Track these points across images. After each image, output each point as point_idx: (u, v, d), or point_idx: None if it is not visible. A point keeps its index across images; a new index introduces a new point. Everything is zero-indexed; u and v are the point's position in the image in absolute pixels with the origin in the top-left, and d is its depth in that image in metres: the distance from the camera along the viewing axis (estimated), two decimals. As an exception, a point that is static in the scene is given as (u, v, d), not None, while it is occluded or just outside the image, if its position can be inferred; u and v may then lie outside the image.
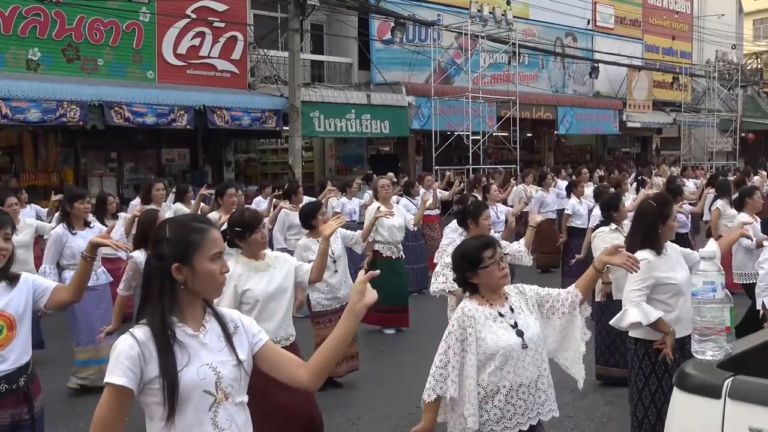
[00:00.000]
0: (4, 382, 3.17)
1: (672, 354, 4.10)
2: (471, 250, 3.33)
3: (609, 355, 6.39)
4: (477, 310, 3.26)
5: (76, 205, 6.40)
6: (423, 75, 18.98)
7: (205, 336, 2.23)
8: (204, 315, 2.28)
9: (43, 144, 14.88)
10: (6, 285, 3.26)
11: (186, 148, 17.14)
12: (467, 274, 3.31)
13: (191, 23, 14.99)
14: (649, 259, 4.16)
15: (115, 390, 2.12)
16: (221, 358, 2.22)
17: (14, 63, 12.94)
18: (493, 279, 3.28)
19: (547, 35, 23.09)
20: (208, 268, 2.20)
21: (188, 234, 2.23)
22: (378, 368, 7.09)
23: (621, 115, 24.38)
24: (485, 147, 19.50)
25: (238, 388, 2.25)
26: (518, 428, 3.22)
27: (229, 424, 2.21)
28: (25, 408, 3.27)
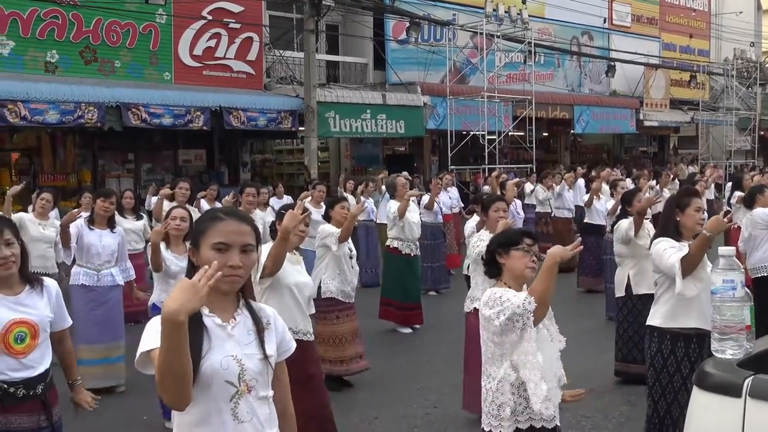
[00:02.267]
0: (23, 387, 3.18)
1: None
2: (513, 233, 3.49)
3: (627, 351, 6.36)
4: (513, 292, 3.25)
5: (98, 202, 6.53)
6: (438, 75, 18.96)
7: (234, 328, 2.25)
8: (236, 308, 2.30)
9: (61, 145, 15.02)
10: (29, 290, 3.27)
11: (202, 149, 17.23)
12: (499, 250, 3.36)
13: (207, 24, 15.06)
14: (667, 239, 4.23)
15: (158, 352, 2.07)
16: (248, 351, 2.23)
17: (33, 65, 13.06)
18: (520, 264, 3.31)
19: (563, 34, 22.97)
20: (207, 256, 2.20)
21: (203, 221, 2.30)
22: (394, 367, 7.08)
23: (638, 114, 24.21)
24: (501, 147, 19.44)
25: (264, 382, 2.26)
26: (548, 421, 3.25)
27: (249, 417, 2.21)
28: (43, 416, 3.27)
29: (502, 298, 3.18)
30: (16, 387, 3.16)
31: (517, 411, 3.24)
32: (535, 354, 3.15)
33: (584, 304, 9.63)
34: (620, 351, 6.44)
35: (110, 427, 5.74)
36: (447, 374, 6.48)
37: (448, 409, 5.82)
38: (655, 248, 4.27)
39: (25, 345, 3.19)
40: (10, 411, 3.17)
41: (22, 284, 3.26)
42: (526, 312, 3.11)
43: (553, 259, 3.12)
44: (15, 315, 3.18)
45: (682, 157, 26.94)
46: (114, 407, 6.14)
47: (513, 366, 3.22)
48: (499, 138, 18.79)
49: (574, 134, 24.66)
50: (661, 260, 4.19)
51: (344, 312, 6.34)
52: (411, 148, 21.60)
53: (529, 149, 19.66)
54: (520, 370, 3.18)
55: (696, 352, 4.18)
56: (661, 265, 4.22)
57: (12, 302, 3.19)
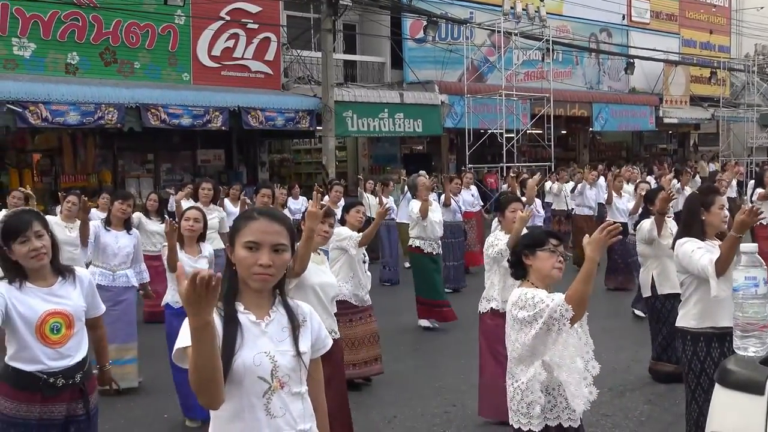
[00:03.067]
0: (62, 377, 3.26)
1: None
2: (539, 233, 3.45)
3: (662, 351, 6.32)
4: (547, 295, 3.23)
5: (116, 204, 6.58)
6: (456, 73, 18.93)
7: (268, 325, 2.28)
8: (272, 305, 2.33)
9: (82, 146, 15.17)
10: (62, 281, 3.34)
11: (221, 149, 17.33)
12: (526, 251, 3.34)
13: (225, 25, 15.15)
14: (693, 240, 4.17)
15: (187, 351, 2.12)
16: (281, 348, 2.26)
17: (53, 67, 13.21)
18: (547, 265, 3.29)
19: (581, 31, 22.86)
20: (240, 253, 2.25)
21: (239, 220, 2.35)
22: (413, 366, 7.08)
23: (657, 111, 24.03)
24: (519, 145, 19.37)
25: (297, 379, 2.28)
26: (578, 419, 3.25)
27: (282, 412, 2.24)
28: (81, 404, 3.35)
29: (535, 299, 3.15)
30: (56, 377, 3.24)
31: (545, 409, 3.23)
32: (574, 359, 3.13)
33: (608, 303, 9.56)
34: (654, 350, 6.41)
35: (132, 424, 5.79)
36: (466, 373, 6.47)
37: (467, 407, 5.80)
38: (681, 249, 4.20)
39: (60, 335, 3.26)
40: (50, 400, 3.24)
41: (54, 276, 3.33)
42: (563, 318, 3.08)
43: (592, 262, 3.05)
44: (49, 306, 3.25)
45: (702, 155, 26.71)
46: (135, 405, 6.20)
47: (545, 365, 3.20)
48: (517, 136, 18.73)
49: (593, 132, 24.51)
50: (690, 262, 4.11)
51: (358, 315, 6.28)
52: (429, 147, 21.59)
53: (548, 147, 19.58)
54: (555, 370, 3.16)
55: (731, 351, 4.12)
56: (690, 266, 4.13)
57: (46, 293, 3.27)
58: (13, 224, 3.27)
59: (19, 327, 3.19)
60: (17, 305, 3.20)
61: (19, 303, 3.20)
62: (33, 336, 3.20)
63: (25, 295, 3.23)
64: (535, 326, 3.14)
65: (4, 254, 3.26)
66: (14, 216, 3.43)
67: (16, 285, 3.24)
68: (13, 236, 3.22)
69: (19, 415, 3.20)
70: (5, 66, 12.73)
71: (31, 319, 3.20)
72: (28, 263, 3.24)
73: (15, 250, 3.22)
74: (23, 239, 3.22)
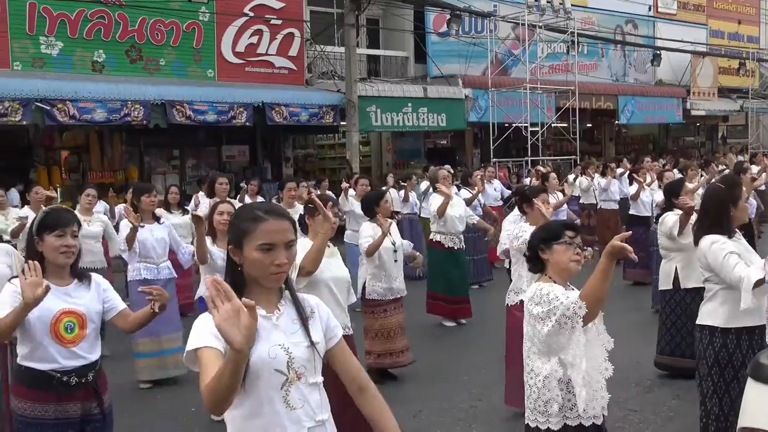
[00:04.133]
0: (75, 375, 3.30)
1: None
2: (555, 225, 3.38)
3: (675, 346, 6.22)
4: (559, 287, 3.20)
5: (143, 199, 6.62)
6: (480, 67, 18.83)
7: (279, 319, 2.29)
8: (280, 299, 2.34)
9: (108, 143, 15.33)
10: (77, 284, 3.39)
11: (245, 145, 17.40)
12: (542, 245, 3.28)
13: (249, 21, 15.20)
14: (720, 240, 4.05)
15: (209, 353, 2.12)
16: (294, 340, 2.27)
17: (80, 65, 13.35)
18: (564, 258, 3.24)
19: (606, 23, 22.62)
20: (254, 256, 2.24)
21: (244, 220, 2.31)
22: (438, 361, 7.07)
23: (685, 103, 23.71)
24: (544, 138, 19.23)
25: (312, 369, 2.29)
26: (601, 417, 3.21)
27: (301, 404, 2.25)
28: (95, 403, 3.38)
29: (550, 296, 3.12)
30: (69, 375, 3.28)
31: (565, 407, 3.19)
32: (582, 359, 3.10)
33: (630, 298, 9.48)
34: (667, 345, 6.28)
35: (159, 417, 5.85)
36: (491, 368, 6.45)
37: (493, 402, 5.79)
38: (710, 250, 4.05)
39: (74, 334, 3.30)
40: (64, 399, 3.28)
41: (71, 277, 3.39)
42: (576, 316, 3.05)
43: (609, 259, 3.02)
44: (64, 305, 3.29)
45: (731, 147, 26.32)
46: (162, 399, 6.27)
47: (561, 362, 3.18)
48: (542, 130, 18.60)
49: (619, 125, 24.26)
50: (722, 269, 3.97)
51: (392, 305, 6.36)
52: (453, 141, 21.51)
53: (573, 141, 19.43)
54: (569, 368, 3.14)
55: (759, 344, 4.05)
56: (722, 272, 3.99)
57: (62, 292, 3.32)
58: (56, 217, 3.35)
59: (34, 325, 3.23)
60: None
61: None
62: (47, 334, 3.24)
63: None
64: (548, 323, 3.11)
65: (33, 243, 3.32)
66: (57, 210, 3.52)
67: None
68: (50, 228, 3.29)
69: (35, 415, 3.24)
70: (33, 64, 12.90)
71: (46, 317, 3.23)
72: (56, 258, 3.29)
73: (47, 242, 3.28)
74: (60, 233, 3.28)
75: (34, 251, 3.32)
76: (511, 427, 5.33)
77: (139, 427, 5.65)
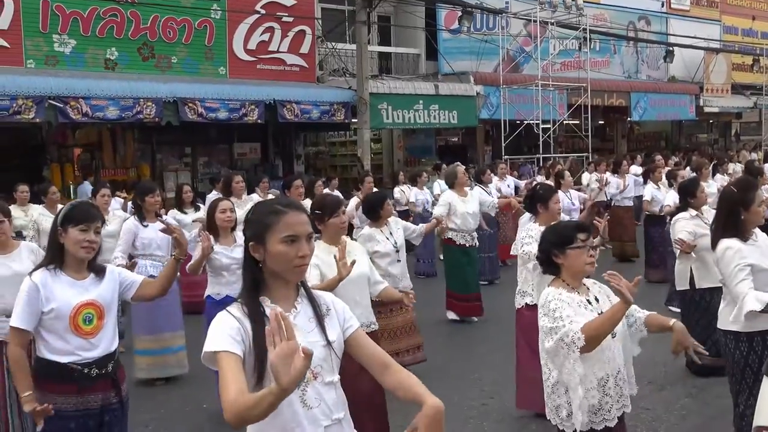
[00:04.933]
0: (95, 367, 3.33)
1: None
2: (566, 228, 3.29)
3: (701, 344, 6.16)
4: (569, 297, 3.16)
5: (147, 199, 6.64)
6: (491, 64, 18.78)
7: (296, 317, 2.28)
8: (296, 297, 2.34)
9: (121, 141, 15.40)
10: (94, 277, 3.42)
11: (257, 143, 17.44)
12: (555, 251, 3.23)
13: (261, 19, 15.22)
14: (735, 247, 4.00)
15: (228, 358, 2.15)
16: (310, 339, 2.26)
17: (93, 63, 13.41)
18: (579, 262, 3.20)
19: (618, 19, 22.50)
20: (279, 249, 2.24)
21: (264, 215, 2.30)
22: (449, 358, 7.07)
23: (698, 100, 23.57)
24: (555, 135, 19.16)
25: (329, 368, 2.29)
26: (615, 420, 3.19)
27: (317, 403, 2.25)
28: (113, 392, 3.42)
29: (556, 313, 3.10)
30: (90, 367, 3.31)
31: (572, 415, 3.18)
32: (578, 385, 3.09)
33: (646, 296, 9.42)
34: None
35: (171, 414, 5.88)
36: (503, 365, 6.43)
37: (504, 400, 5.78)
38: (723, 256, 4.04)
39: (93, 326, 3.34)
40: (85, 391, 3.31)
41: (88, 272, 3.42)
42: (573, 345, 3.03)
43: (622, 309, 3.04)
44: (83, 297, 3.33)
45: (744, 144, 26.14)
46: (175, 395, 6.30)
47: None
48: (554, 127, 18.54)
49: (631, 122, 24.15)
50: (728, 279, 4.01)
51: (398, 305, 6.30)
52: (464, 139, 21.48)
53: (585, 138, 19.35)
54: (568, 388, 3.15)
55: None
56: (727, 283, 4.03)
57: (79, 286, 3.35)
58: (82, 211, 3.39)
59: (54, 320, 3.27)
60: (51, 299, 3.27)
61: (53, 297, 3.28)
62: (67, 327, 3.28)
63: (59, 285, 3.31)
64: (549, 340, 3.12)
65: (56, 235, 3.35)
66: (84, 204, 3.56)
67: (52, 270, 3.34)
68: (75, 221, 3.32)
69: (57, 408, 3.26)
70: (46, 62, 12.96)
71: (65, 311, 3.27)
72: (77, 252, 3.32)
73: (71, 234, 3.31)
74: (84, 228, 3.32)
75: (57, 244, 3.35)
76: (523, 425, 5.32)
77: (152, 422, 5.68)
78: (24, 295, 3.28)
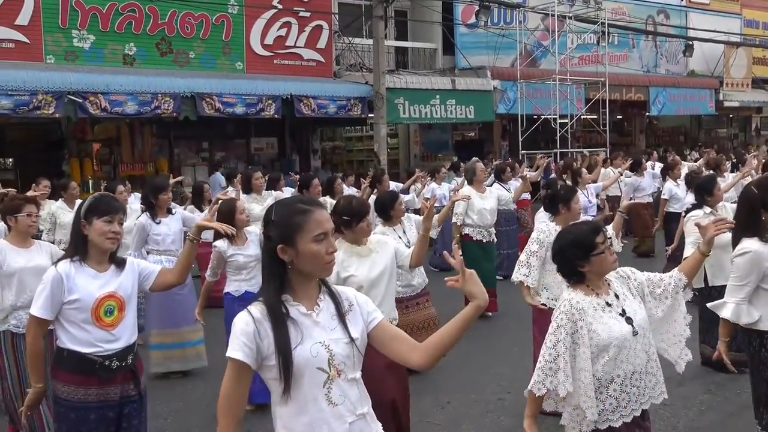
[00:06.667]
0: (116, 359, 3.36)
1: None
2: (584, 236, 3.16)
3: (711, 338, 6.13)
4: (584, 301, 3.13)
5: (160, 197, 6.70)
6: (508, 58, 18.70)
7: (319, 315, 2.29)
8: (319, 294, 2.34)
9: (139, 135, 15.47)
10: (115, 269, 3.45)
11: (274, 137, 17.48)
12: (579, 262, 3.15)
13: (278, 14, 15.25)
14: (753, 249, 3.95)
15: (232, 364, 2.24)
16: (334, 336, 2.27)
17: (112, 58, 13.49)
18: (605, 265, 3.17)
19: (637, 13, 22.31)
20: (312, 249, 2.24)
21: (291, 216, 2.27)
22: (467, 352, 7.05)
23: (717, 95, 23.35)
24: (573, 130, 19.06)
25: (351, 365, 2.30)
26: (632, 415, 3.17)
27: (342, 400, 2.27)
28: (132, 384, 3.46)
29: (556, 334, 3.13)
30: (110, 359, 3.34)
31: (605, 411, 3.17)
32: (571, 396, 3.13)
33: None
34: (705, 336, 6.23)
35: (190, 407, 5.92)
36: (520, 360, 6.42)
37: (522, 394, 5.74)
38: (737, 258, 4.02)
39: (113, 317, 3.37)
40: (106, 383, 3.34)
41: (109, 264, 3.46)
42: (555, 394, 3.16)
43: None
44: (105, 290, 3.36)
45: (765, 139, 25.86)
46: (194, 389, 6.34)
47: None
48: (572, 122, 18.44)
49: (650, 116, 23.95)
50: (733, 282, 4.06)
51: (414, 301, 6.29)
52: (481, 134, 21.41)
53: (603, 133, 19.23)
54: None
55: None
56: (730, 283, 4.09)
57: (102, 277, 3.39)
58: (106, 203, 3.43)
59: (75, 312, 3.30)
60: (74, 290, 3.30)
61: (76, 288, 3.31)
62: (88, 318, 3.31)
63: (82, 276, 3.34)
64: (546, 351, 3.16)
65: (79, 227, 3.38)
66: (108, 197, 3.59)
67: (77, 262, 3.36)
68: (100, 213, 3.35)
69: (77, 399, 3.30)
70: (66, 57, 13.06)
71: (87, 303, 3.30)
72: (102, 243, 3.35)
73: (95, 226, 3.34)
74: (109, 219, 3.36)
75: (80, 236, 3.38)
76: (540, 420, 5.28)
77: (170, 415, 5.72)
78: (48, 284, 3.30)
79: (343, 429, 2.26)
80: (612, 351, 3.09)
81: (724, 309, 4.04)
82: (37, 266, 4.40)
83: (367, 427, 2.35)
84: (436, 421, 5.46)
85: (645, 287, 3.32)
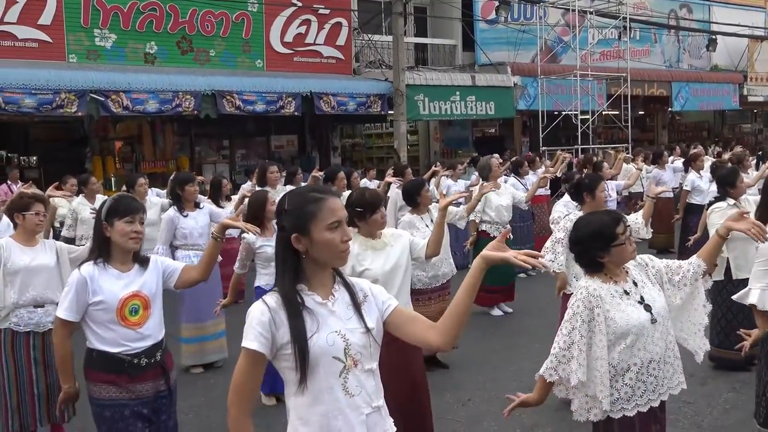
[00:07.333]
0: (144, 356, 3.39)
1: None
2: (605, 226, 3.12)
3: (724, 337, 6.02)
4: (602, 288, 3.11)
5: (186, 188, 6.69)
6: (529, 54, 18.60)
7: (334, 304, 2.28)
8: (334, 284, 2.33)
9: (160, 133, 15.59)
10: (138, 267, 3.47)
11: (294, 135, 17.53)
12: (599, 252, 3.12)
13: (297, 11, 15.28)
14: None
15: (246, 353, 2.22)
16: (350, 326, 2.26)
17: (133, 57, 13.60)
18: (625, 256, 3.14)
19: (659, 8, 22.09)
20: (326, 237, 2.23)
21: (305, 205, 2.27)
22: (487, 350, 7.04)
23: (741, 89, 23.07)
24: (594, 126, 18.91)
25: (368, 356, 2.28)
26: (649, 405, 3.13)
27: (359, 390, 2.25)
28: (162, 380, 3.49)
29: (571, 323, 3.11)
30: (139, 357, 3.38)
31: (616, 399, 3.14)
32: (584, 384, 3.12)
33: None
34: (716, 337, 6.09)
35: (211, 401, 5.95)
36: (541, 357, 6.33)
37: (543, 391, 5.72)
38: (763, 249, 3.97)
39: (139, 316, 3.39)
40: (137, 380, 3.38)
41: (132, 263, 3.48)
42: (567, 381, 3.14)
43: None
44: (129, 289, 3.39)
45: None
46: (216, 383, 6.37)
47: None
48: (593, 118, 18.30)
49: (672, 112, 23.72)
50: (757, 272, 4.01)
51: (437, 293, 6.31)
52: (501, 130, 21.33)
53: (625, 128, 19.07)
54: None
55: None
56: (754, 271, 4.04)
57: (125, 277, 3.41)
58: (126, 203, 3.44)
59: (101, 312, 3.33)
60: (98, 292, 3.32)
61: (100, 290, 3.33)
62: (114, 319, 3.33)
63: (106, 278, 3.36)
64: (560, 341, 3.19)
65: (101, 229, 3.40)
66: (127, 197, 3.60)
67: (100, 264, 3.38)
68: (121, 214, 3.36)
69: (110, 397, 3.33)
70: (88, 56, 13.18)
71: (112, 303, 3.33)
72: (125, 243, 3.37)
73: (117, 227, 3.36)
74: (130, 219, 3.37)
75: (103, 237, 3.40)
76: (562, 417, 5.27)
77: (192, 411, 5.75)
78: (72, 286, 3.33)
79: (359, 420, 2.24)
80: (629, 339, 3.07)
81: (750, 295, 3.98)
82: (40, 265, 4.42)
83: (382, 420, 2.33)
84: (458, 418, 5.44)
85: (663, 274, 3.28)
